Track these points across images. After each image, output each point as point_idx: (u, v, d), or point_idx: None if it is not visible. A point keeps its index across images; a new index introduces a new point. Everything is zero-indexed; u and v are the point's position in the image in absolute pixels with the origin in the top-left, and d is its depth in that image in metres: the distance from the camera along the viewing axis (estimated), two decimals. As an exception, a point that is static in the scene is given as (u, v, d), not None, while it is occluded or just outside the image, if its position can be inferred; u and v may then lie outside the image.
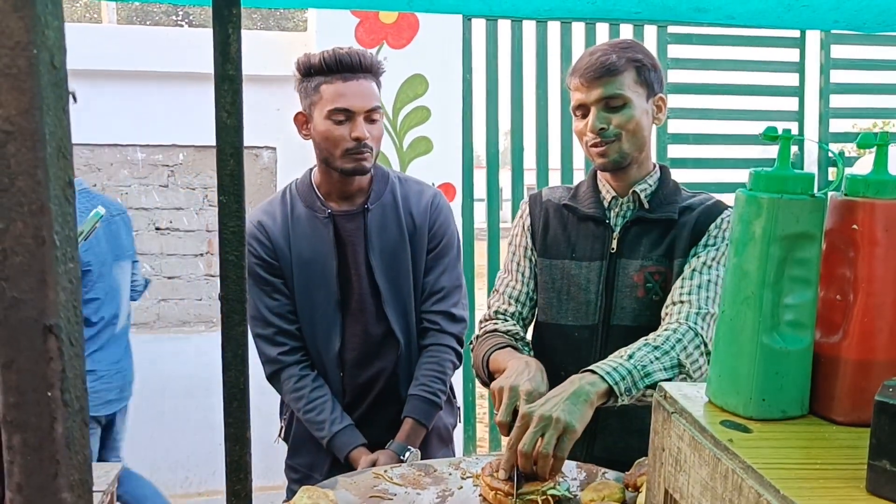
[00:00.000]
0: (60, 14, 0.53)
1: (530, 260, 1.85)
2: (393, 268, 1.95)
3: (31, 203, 0.52)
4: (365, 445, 1.90)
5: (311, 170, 2.02)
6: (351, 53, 1.86)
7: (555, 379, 1.71)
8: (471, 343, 1.85)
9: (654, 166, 1.80)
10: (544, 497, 1.39)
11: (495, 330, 1.79)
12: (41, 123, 0.52)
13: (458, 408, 2.16)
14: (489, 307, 1.87)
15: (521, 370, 1.53)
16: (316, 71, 1.87)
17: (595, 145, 1.69)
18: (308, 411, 1.90)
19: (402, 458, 1.84)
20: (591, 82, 1.68)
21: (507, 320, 1.82)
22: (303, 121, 1.94)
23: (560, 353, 1.75)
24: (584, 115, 1.71)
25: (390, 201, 1.98)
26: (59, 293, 0.53)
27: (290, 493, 2.01)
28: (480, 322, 1.87)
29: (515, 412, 1.44)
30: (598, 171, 1.80)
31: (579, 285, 1.74)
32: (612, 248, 1.72)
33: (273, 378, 1.97)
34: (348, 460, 1.88)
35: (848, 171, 0.88)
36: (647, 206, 1.73)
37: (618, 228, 1.74)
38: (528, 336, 1.85)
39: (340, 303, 1.93)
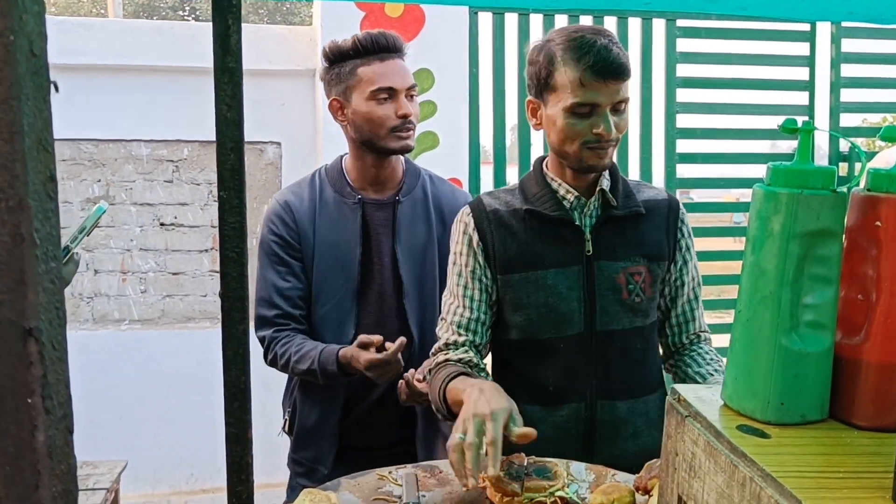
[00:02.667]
0: (40, -2, 0.50)
1: (481, 281, 1.70)
2: (419, 263, 1.93)
3: (9, 199, 0.49)
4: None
5: (341, 157, 2.01)
6: (385, 35, 1.89)
7: (544, 395, 1.67)
8: (425, 378, 1.75)
9: None
10: (553, 499, 1.36)
11: (447, 360, 1.68)
12: (19, 114, 0.49)
13: None
14: (438, 337, 1.74)
15: (476, 398, 1.43)
16: (352, 54, 1.88)
17: (594, 148, 1.59)
18: (296, 353, 1.85)
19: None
20: (607, 81, 1.55)
21: (458, 348, 1.70)
22: (338, 107, 1.92)
23: (547, 368, 1.67)
24: (586, 115, 1.57)
25: (421, 197, 1.97)
26: (39, 294, 0.50)
27: (293, 487, 1.98)
28: (431, 353, 1.75)
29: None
30: (545, 170, 1.71)
31: (559, 295, 1.64)
32: (589, 251, 1.65)
33: (267, 354, 1.91)
34: (341, 360, 1.79)
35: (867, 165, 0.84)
36: (614, 203, 1.66)
37: (587, 229, 1.66)
38: (488, 358, 1.77)
39: (359, 291, 1.90)
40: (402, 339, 1.74)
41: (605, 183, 1.68)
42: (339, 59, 1.89)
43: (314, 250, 1.91)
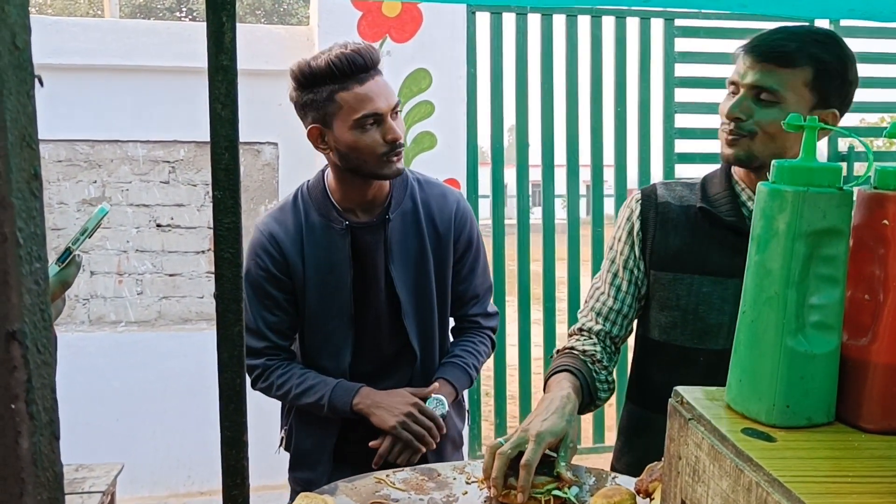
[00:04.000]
0: (24, -11, 0.49)
1: (632, 272, 1.64)
2: (415, 278, 1.86)
3: (-9, 197, 0.47)
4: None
5: (323, 172, 1.89)
6: (361, 52, 1.69)
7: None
8: (552, 357, 1.72)
9: None
10: (547, 498, 1.35)
11: (572, 349, 1.65)
12: (2, 109, 0.47)
13: (467, 411, 2.11)
14: (579, 317, 1.72)
15: (538, 411, 1.42)
16: (328, 80, 1.69)
17: (727, 132, 1.49)
18: (300, 385, 1.83)
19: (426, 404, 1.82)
20: (754, 62, 1.45)
21: (589, 337, 1.67)
22: (318, 134, 1.75)
23: (681, 378, 1.58)
24: (734, 94, 1.49)
25: (410, 208, 1.86)
26: (23, 296, 0.48)
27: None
28: (569, 334, 1.72)
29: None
30: (732, 171, 1.60)
31: (710, 304, 1.54)
32: None
33: (258, 381, 1.89)
34: (356, 403, 1.79)
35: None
36: None
37: None
38: (628, 346, 1.72)
39: (354, 317, 1.84)
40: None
41: None
42: (313, 84, 1.71)
43: (305, 281, 1.83)
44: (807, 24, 1.55)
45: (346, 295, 1.83)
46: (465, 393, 2.12)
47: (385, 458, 1.76)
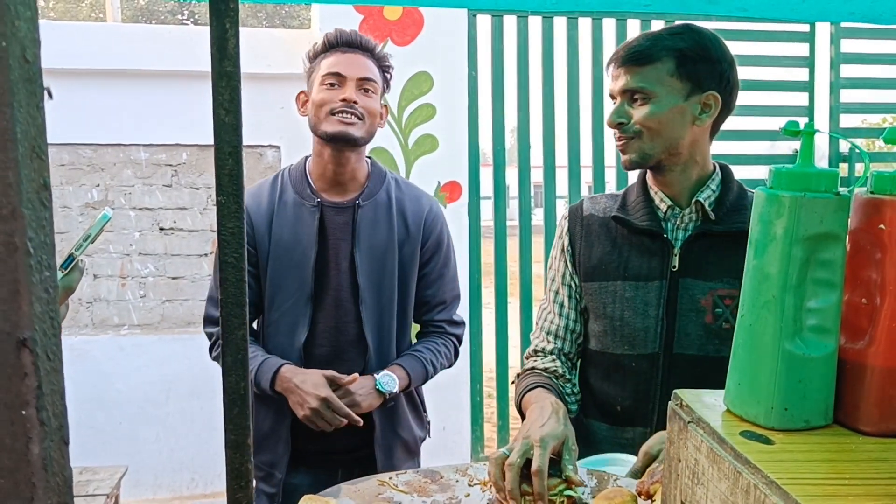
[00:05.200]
0: (33, 4, 0.50)
1: (570, 287, 1.68)
2: (378, 269, 1.90)
3: (2, 208, 0.48)
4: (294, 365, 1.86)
5: (305, 158, 2.00)
6: (354, 32, 1.92)
7: (611, 413, 1.62)
8: (512, 382, 1.75)
9: (715, 168, 1.60)
10: (561, 499, 1.36)
11: (533, 368, 1.68)
12: (12, 121, 0.48)
13: (428, 422, 2.11)
14: (532, 339, 1.76)
15: (533, 419, 1.43)
16: (322, 50, 1.91)
17: (617, 140, 1.55)
18: None
19: (376, 377, 1.84)
20: (618, 70, 1.53)
21: (546, 356, 1.69)
22: (304, 100, 1.95)
23: (616, 385, 1.61)
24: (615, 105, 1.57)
25: (384, 201, 1.93)
26: (33, 304, 0.49)
27: (256, 491, 1.96)
28: (525, 357, 1.76)
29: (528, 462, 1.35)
30: (647, 177, 1.64)
31: (635, 309, 1.56)
32: (674, 266, 1.54)
33: (212, 350, 1.99)
34: (276, 383, 1.81)
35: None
36: (713, 217, 1.54)
37: (679, 243, 1.56)
38: (578, 367, 1.73)
39: (313, 296, 1.88)
40: (355, 420, 1.80)
41: (707, 193, 1.56)
42: (314, 56, 1.93)
43: (269, 253, 1.89)
44: (674, 24, 1.61)
45: (307, 272, 1.87)
46: (466, 391, 2.12)
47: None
